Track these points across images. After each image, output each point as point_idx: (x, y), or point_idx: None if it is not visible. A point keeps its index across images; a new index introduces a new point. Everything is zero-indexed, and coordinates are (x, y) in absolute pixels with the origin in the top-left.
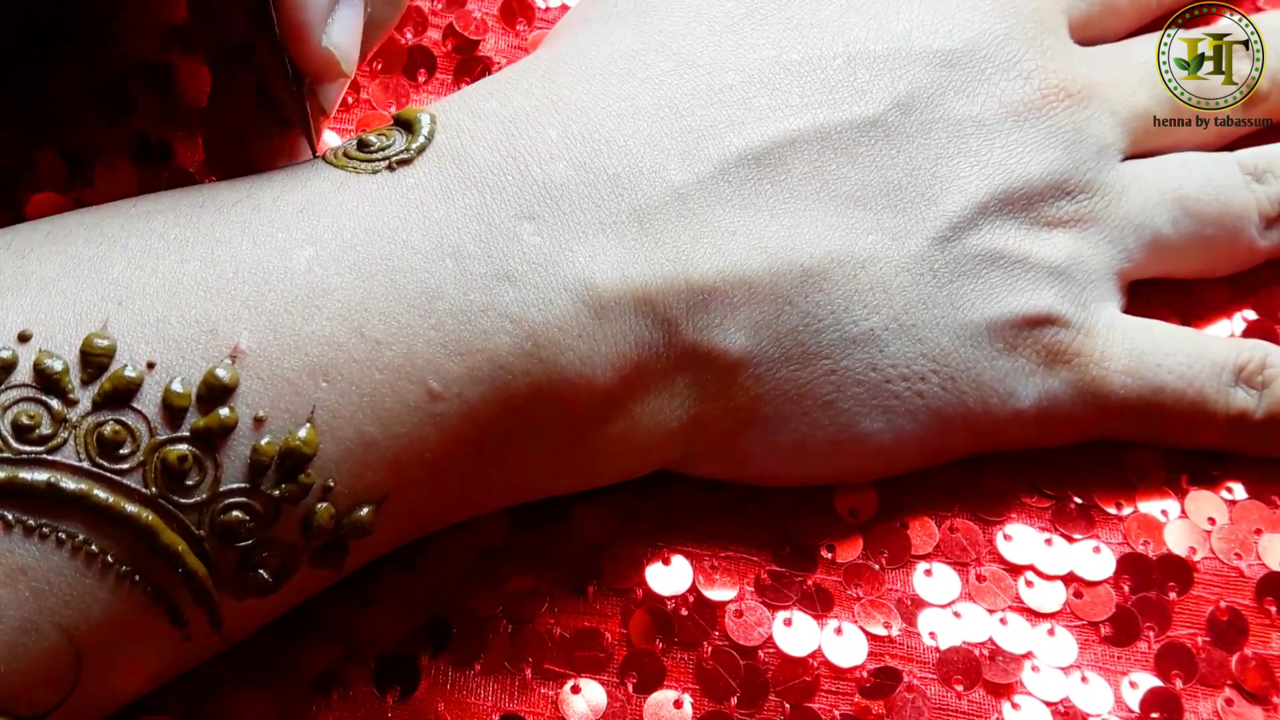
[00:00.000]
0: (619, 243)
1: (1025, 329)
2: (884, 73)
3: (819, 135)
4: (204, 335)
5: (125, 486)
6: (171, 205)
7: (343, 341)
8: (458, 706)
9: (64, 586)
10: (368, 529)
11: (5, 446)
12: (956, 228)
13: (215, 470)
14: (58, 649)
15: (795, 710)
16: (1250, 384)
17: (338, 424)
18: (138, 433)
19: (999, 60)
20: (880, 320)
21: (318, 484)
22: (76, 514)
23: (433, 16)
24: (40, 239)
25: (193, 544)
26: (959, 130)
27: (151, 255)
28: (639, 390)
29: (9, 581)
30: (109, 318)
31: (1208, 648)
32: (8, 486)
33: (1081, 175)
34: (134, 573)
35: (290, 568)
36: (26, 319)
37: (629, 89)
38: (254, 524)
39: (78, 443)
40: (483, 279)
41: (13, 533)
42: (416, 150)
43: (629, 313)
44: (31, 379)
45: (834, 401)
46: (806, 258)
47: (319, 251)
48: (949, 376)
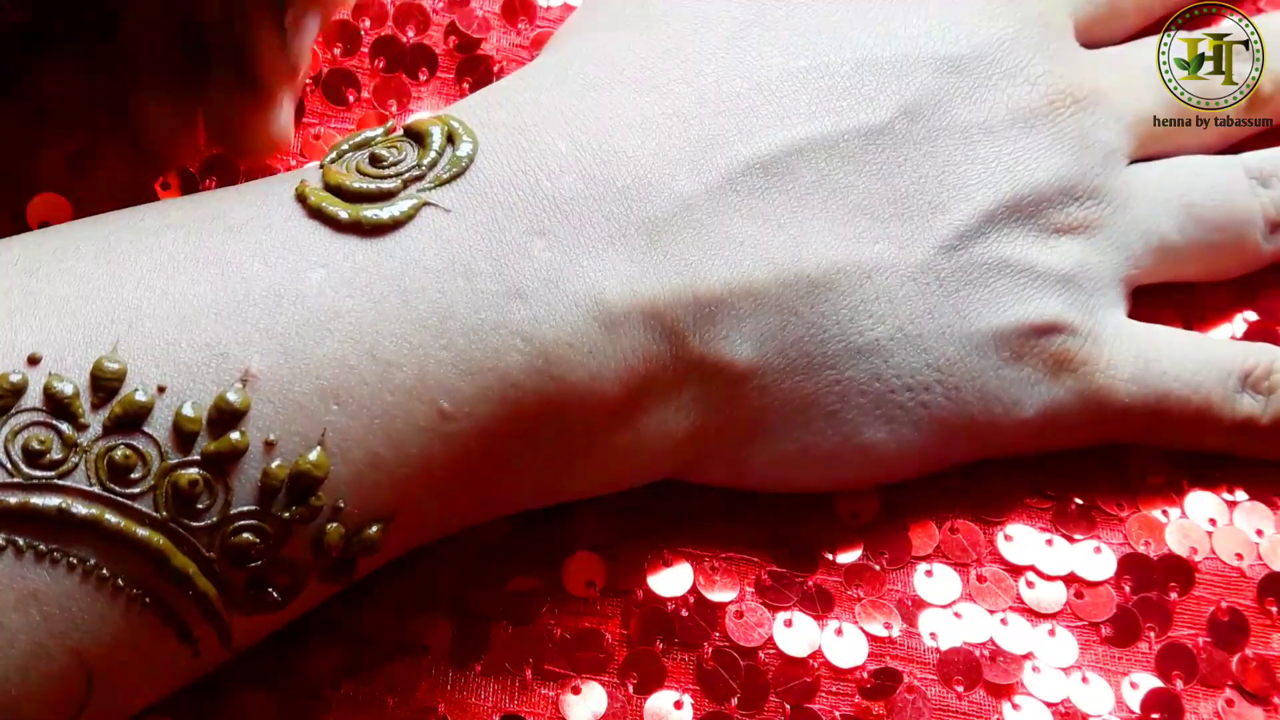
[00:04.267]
0: (628, 256)
1: (1032, 337)
2: (891, 79)
3: (826, 143)
4: (215, 358)
5: (136, 511)
6: (181, 222)
7: (354, 364)
8: (458, 707)
9: (75, 610)
10: (377, 546)
11: (16, 472)
12: (964, 236)
13: (226, 493)
14: (68, 670)
15: (795, 711)
16: (1256, 389)
17: (348, 446)
18: (149, 457)
19: (1006, 66)
20: (886, 330)
21: (328, 505)
22: (87, 539)
23: (434, 15)
24: (49, 255)
25: (203, 566)
26: (966, 137)
27: (162, 276)
28: (645, 402)
29: (20, 606)
30: (119, 340)
31: (1209, 648)
32: (19, 512)
33: (1089, 181)
34: (145, 595)
35: (299, 586)
36: (36, 341)
37: (637, 98)
38: (264, 545)
39: (88, 467)
40: (494, 297)
41: (24, 558)
42: (428, 165)
43: (638, 327)
44: (42, 403)
45: (838, 412)
46: (813, 268)
47: (330, 273)
48: (953, 386)
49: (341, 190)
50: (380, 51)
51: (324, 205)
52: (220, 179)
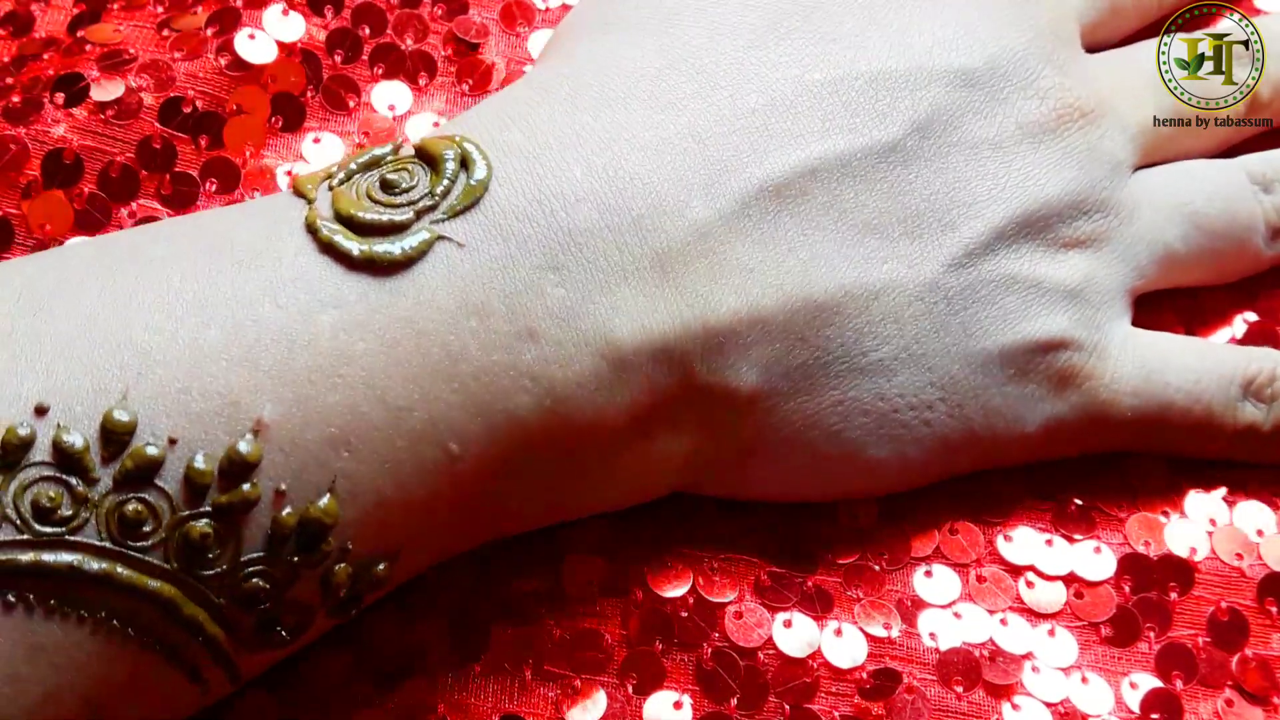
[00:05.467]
0: (640, 291)
1: (1038, 354)
2: (904, 95)
3: (839, 164)
4: (227, 407)
5: (147, 563)
6: (187, 252)
7: (365, 410)
8: (458, 708)
9: (86, 660)
10: (384, 583)
11: (26, 528)
12: (972, 253)
13: (236, 543)
14: (78, 716)
15: (795, 711)
16: (1258, 397)
17: (358, 490)
18: (160, 510)
19: (1017, 79)
20: (891, 350)
21: (336, 547)
22: (99, 592)
23: (432, 22)
24: (51, 289)
25: (212, 612)
26: (976, 153)
27: (171, 319)
28: (650, 429)
29: (30, 659)
30: (129, 388)
31: (1208, 648)
32: (32, 570)
33: (1097, 194)
34: (155, 642)
35: (306, 624)
36: (44, 388)
37: (653, 116)
38: (273, 589)
39: (99, 522)
40: (506, 337)
41: (35, 613)
42: (441, 194)
43: (646, 362)
44: (50, 456)
45: (840, 431)
46: (820, 292)
47: (343, 315)
48: (957, 404)
49: (353, 222)
50: (379, 58)
51: (336, 241)
52: (220, 181)
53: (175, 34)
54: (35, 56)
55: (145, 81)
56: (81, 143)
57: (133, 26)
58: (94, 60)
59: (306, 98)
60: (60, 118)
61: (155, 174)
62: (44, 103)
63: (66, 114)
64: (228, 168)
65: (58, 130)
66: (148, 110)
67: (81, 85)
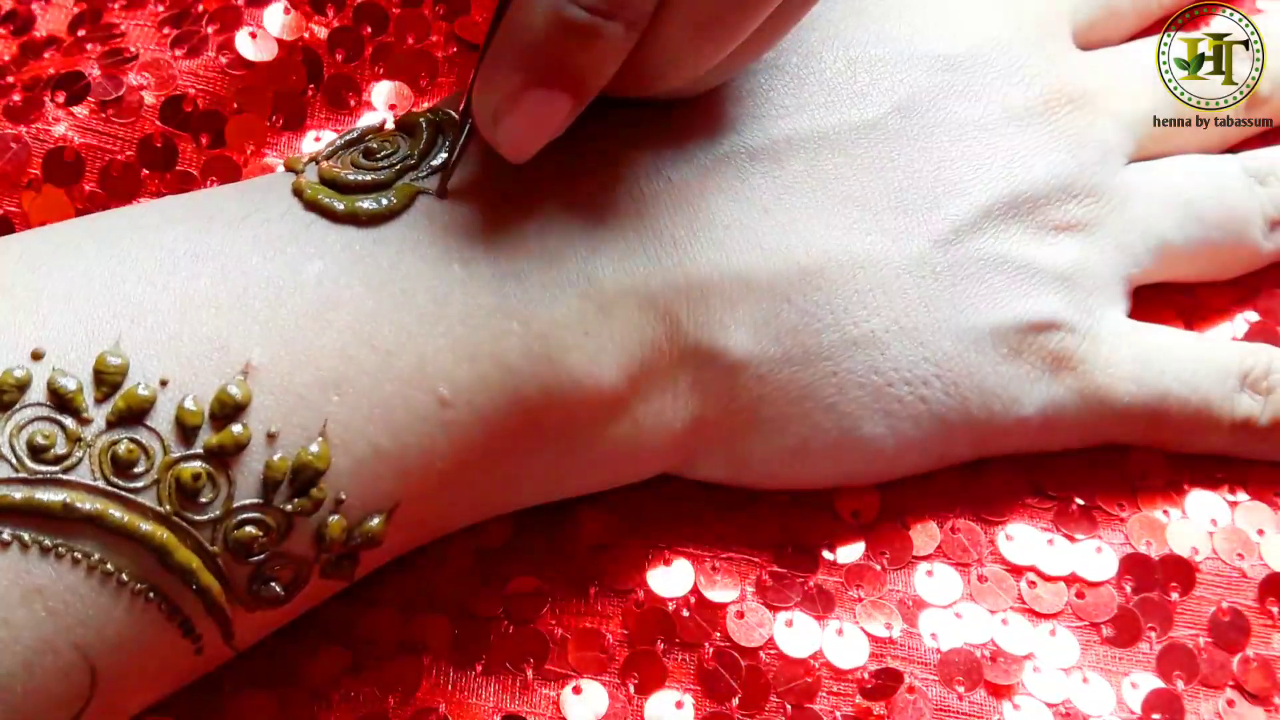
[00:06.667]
0: (619, 235)
1: (1030, 334)
2: (884, 76)
3: (815, 135)
4: (216, 352)
5: (140, 505)
6: (181, 218)
7: (354, 354)
8: (459, 707)
9: (79, 606)
10: (379, 539)
11: (21, 467)
12: (959, 231)
13: (229, 487)
14: (72, 666)
15: (796, 711)
16: (1256, 390)
17: (349, 436)
18: (151, 451)
19: (1001, 65)
20: (881, 322)
21: (330, 497)
22: (92, 533)
23: (434, 22)
24: (50, 251)
25: (206, 560)
26: (962, 134)
27: (163, 271)
28: (643, 390)
29: (25, 602)
30: (121, 335)
31: (1209, 648)
32: (24, 507)
33: (1086, 179)
34: (148, 589)
35: (302, 580)
36: (40, 336)
37: None
38: (267, 539)
39: (92, 462)
40: (490, 280)
41: (29, 553)
42: (421, 154)
43: (632, 309)
44: (45, 398)
45: (835, 404)
46: (803, 255)
47: (329, 264)
48: (952, 381)
49: (336, 183)
50: (381, 59)
51: (320, 198)
52: (221, 179)
53: (176, 31)
54: (36, 55)
55: (146, 80)
56: (83, 141)
57: (134, 25)
58: (95, 59)
59: (307, 96)
60: (61, 116)
61: (156, 172)
62: (45, 101)
63: (68, 112)
64: (229, 166)
65: (59, 129)
66: (149, 109)
67: (83, 84)
